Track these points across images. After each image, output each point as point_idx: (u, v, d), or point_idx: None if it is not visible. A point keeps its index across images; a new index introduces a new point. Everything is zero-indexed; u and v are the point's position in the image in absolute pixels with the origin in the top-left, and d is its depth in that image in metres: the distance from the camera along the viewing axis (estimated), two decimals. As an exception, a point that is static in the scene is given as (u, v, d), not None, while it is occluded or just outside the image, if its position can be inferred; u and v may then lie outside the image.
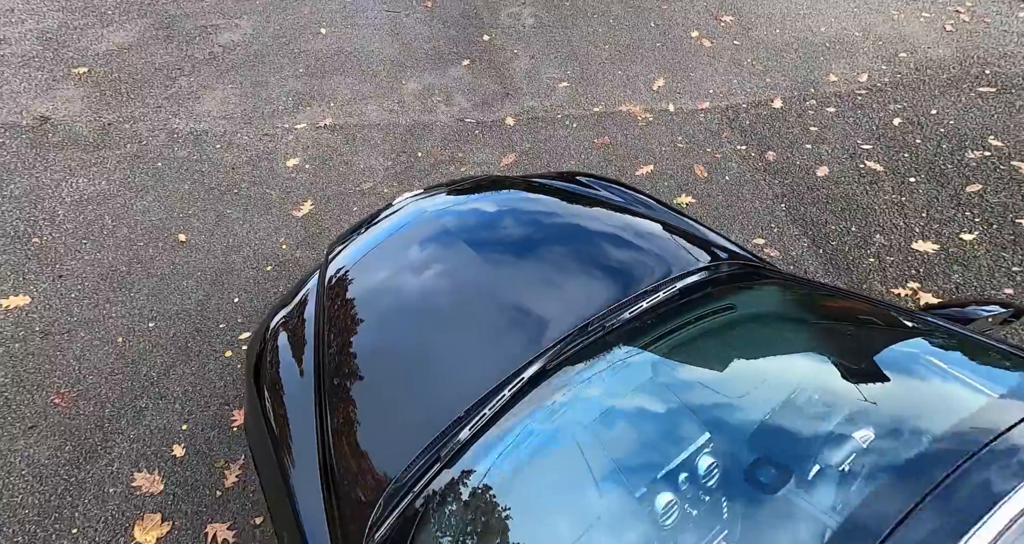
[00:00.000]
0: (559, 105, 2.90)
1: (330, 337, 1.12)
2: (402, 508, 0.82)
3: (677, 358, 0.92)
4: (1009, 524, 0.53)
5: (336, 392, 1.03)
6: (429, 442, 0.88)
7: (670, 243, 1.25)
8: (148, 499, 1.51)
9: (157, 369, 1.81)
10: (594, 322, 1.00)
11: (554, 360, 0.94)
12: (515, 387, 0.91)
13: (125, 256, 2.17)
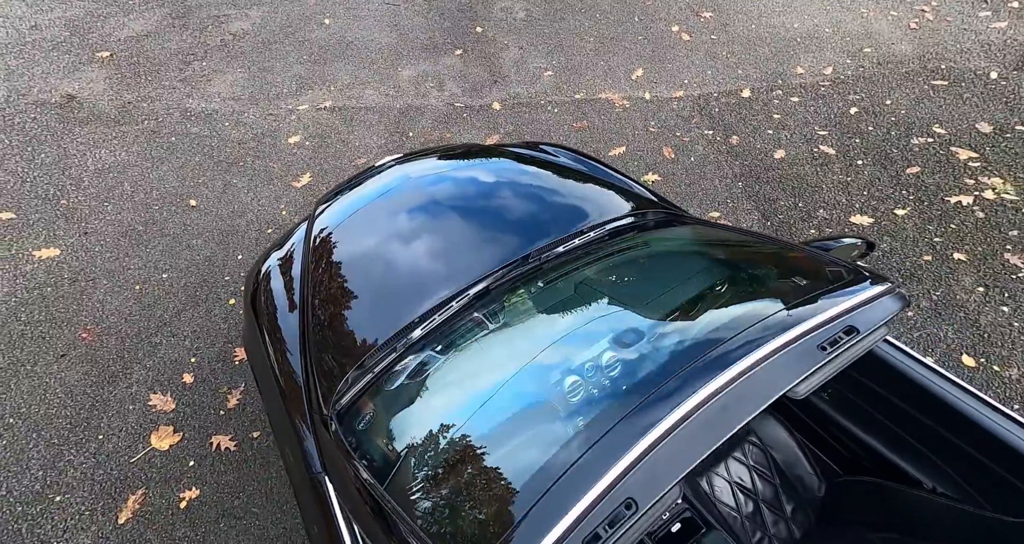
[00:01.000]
0: (543, 92, 3.16)
1: (314, 268, 1.37)
2: (361, 384, 1.06)
3: (593, 277, 1.17)
4: None
5: (317, 308, 1.29)
6: (388, 338, 1.12)
7: (608, 196, 1.50)
8: (162, 415, 1.78)
9: (170, 312, 2.09)
10: (533, 254, 1.25)
11: (496, 281, 1.19)
12: (462, 299, 1.16)
13: (142, 217, 2.46)
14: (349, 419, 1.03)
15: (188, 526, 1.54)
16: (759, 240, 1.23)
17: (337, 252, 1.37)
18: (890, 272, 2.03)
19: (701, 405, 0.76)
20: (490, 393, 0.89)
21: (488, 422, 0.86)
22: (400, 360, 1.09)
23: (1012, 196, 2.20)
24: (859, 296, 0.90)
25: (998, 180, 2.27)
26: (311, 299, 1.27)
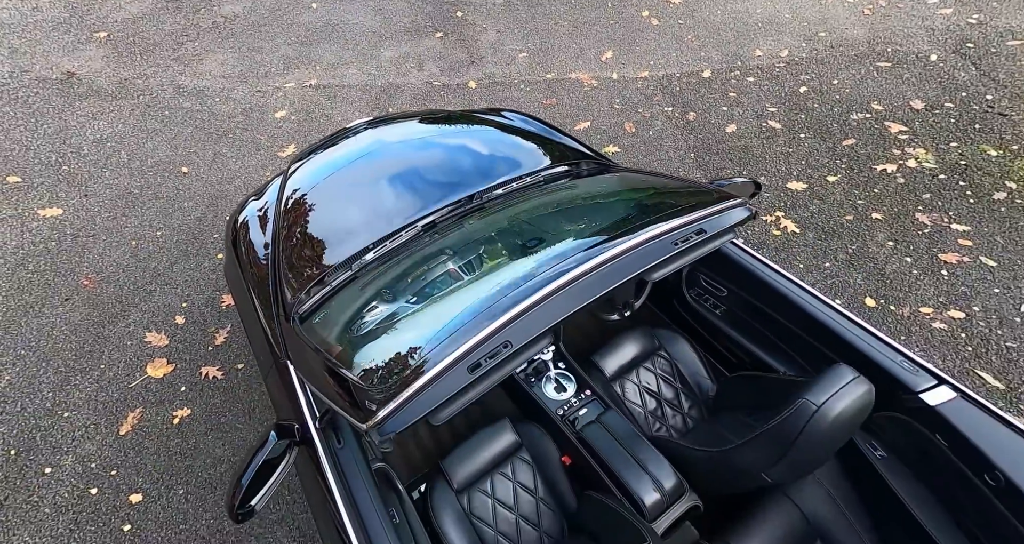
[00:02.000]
0: (517, 72, 3.40)
1: (285, 209, 1.61)
2: (319, 295, 1.30)
3: (520, 206, 1.41)
4: None
5: (286, 240, 1.53)
6: (345, 259, 1.36)
7: (550, 151, 1.75)
8: (157, 350, 2.03)
9: (163, 265, 2.33)
10: (477, 195, 1.49)
11: (443, 216, 1.43)
12: (411, 230, 1.40)
13: (138, 182, 2.70)
14: (307, 318, 1.27)
15: (180, 438, 1.79)
16: (663, 178, 1.48)
17: (306, 197, 1.61)
18: (814, 230, 2.29)
19: (575, 279, 1.00)
20: (417, 278, 1.14)
21: (413, 300, 1.10)
22: (354, 277, 1.33)
23: (931, 165, 2.45)
24: (712, 208, 1.15)
25: (921, 151, 2.52)
26: (281, 234, 1.51)
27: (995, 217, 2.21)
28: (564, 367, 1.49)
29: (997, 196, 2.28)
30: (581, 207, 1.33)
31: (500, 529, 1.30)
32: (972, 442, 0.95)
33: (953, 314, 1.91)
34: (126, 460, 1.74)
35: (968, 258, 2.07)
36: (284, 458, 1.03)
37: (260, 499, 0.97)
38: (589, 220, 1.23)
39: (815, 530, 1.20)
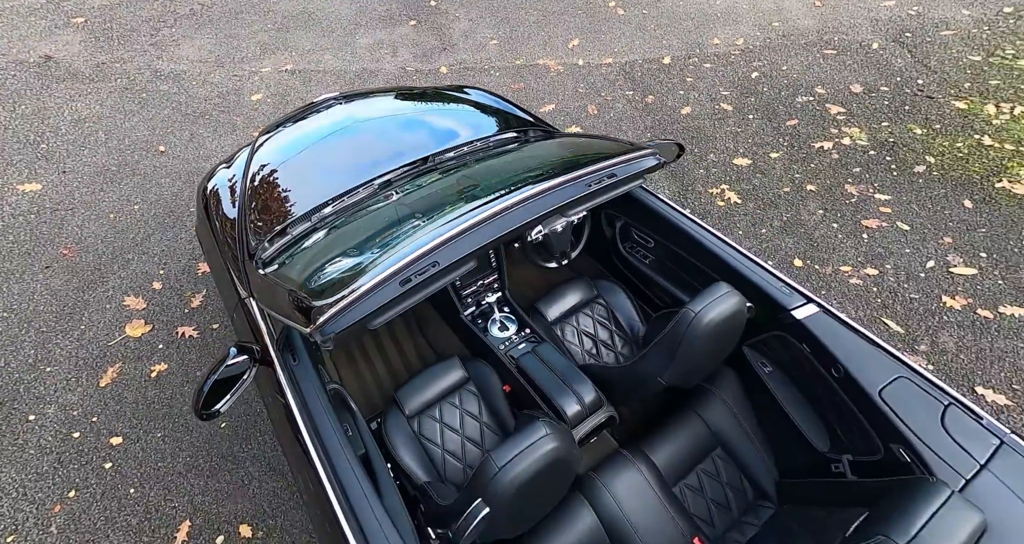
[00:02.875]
0: (487, 58, 3.59)
1: (253, 173, 1.78)
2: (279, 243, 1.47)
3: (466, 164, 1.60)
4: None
5: (253, 200, 1.69)
6: (306, 211, 1.53)
7: (503, 120, 1.94)
8: (135, 312, 2.17)
9: (141, 236, 2.47)
10: (431, 157, 1.67)
11: (399, 176, 1.61)
12: (369, 188, 1.58)
13: (115, 160, 2.83)
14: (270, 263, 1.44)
15: (158, 389, 1.94)
16: (595, 138, 1.67)
17: (272, 162, 1.78)
18: (754, 201, 2.51)
19: (497, 213, 1.19)
20: (366, 222, 1.32)
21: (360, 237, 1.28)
22: (314, 228, 1.50)
23: (864, 142, 2.69)
24: (624, 157, 1.34)
25: (856, 130, 2.77)
26: (248, 194, 1.67)
27: (913, 187, 2.45)
28: (508, 311, 1.68)
29: (917, 169, 2.53)
30: (517, 162, 1.52)
31: (447, 448, 1.48)
32: (824, 345, 1.16)
33: (868, 271, 2.14)
34: (106, 408, 1.89)
35: (886, 223, 2.31)
36: (245, 373, 1.20)
37: (223, 404, 1.14)
38: (520, 170, 1.42)
39: (716, 438, 1.41)
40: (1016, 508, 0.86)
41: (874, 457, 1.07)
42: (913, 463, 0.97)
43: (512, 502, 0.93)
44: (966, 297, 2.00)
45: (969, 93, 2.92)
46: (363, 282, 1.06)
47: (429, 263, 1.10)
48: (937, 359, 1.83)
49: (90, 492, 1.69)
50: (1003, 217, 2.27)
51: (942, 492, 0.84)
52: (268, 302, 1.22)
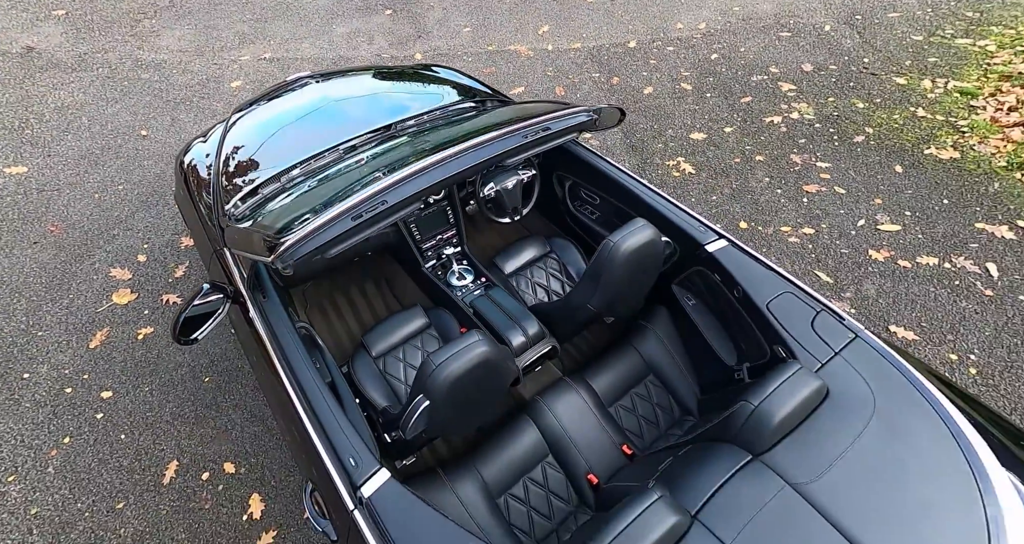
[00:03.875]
0: (461, 45, 3.78)
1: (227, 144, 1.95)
2: (250, 202, 1.64)
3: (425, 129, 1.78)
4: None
5: (227, 165, 1.86)
6: (275, 174, 1.71)
7: (464, 92, 2.13)
8: (121, 282, 2.34)
9: (125, 213, 2.63)
10: (394, 125, 1.85)
11: (363, 142, 1.79)
12: (335, 152, 1.76)
13: (99, 144, 2.98)
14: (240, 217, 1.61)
15: (145, 349, 2.11)
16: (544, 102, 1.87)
17: (246, 134, 1.97)
18: (707, 171, 2.72)
19: (441, 160, 1.37)
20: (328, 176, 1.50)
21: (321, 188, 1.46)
22: (283, 189, 1.67)
23: (810, 116, 2.92)
24: (559, 113, 1.54)
25: (804, 105, 2.99)
26: (222, 161, 1.85)
27: (852, 156, 2.68)
28: (467, 264, 1.86)
29: (857, 139, 2.76)
30: (468, 122, 1.71)
31: (409, 383, 1.67)
32: (730, 272, 1.36)
33: (806, 231, 2.36)
34: (96, 367, 2.05)
35: (825, 188, 2.53)
36: (219, 309, 1.37)
37: (199, 333, 1.32)
38: (468, 130, 1.61)
39: (649, 366, 1.60)
40: (856, 382, 1.06)
41: (763, 360, 1.27)
42: (788, 357, 1.17)
43: (448, 395, 1.11)
44: (889, 250, 2.23)
45: (909, 70, 3.16)
46: (318, 217, 1.24)
47: (379, 201, 1.28)
48: (859, 304, 2.05)
49: (83, 438, 1.85)
50: (928, 180, 2.51)
51: (793, 367, 1.04)
52: (237, 245, 1.40)
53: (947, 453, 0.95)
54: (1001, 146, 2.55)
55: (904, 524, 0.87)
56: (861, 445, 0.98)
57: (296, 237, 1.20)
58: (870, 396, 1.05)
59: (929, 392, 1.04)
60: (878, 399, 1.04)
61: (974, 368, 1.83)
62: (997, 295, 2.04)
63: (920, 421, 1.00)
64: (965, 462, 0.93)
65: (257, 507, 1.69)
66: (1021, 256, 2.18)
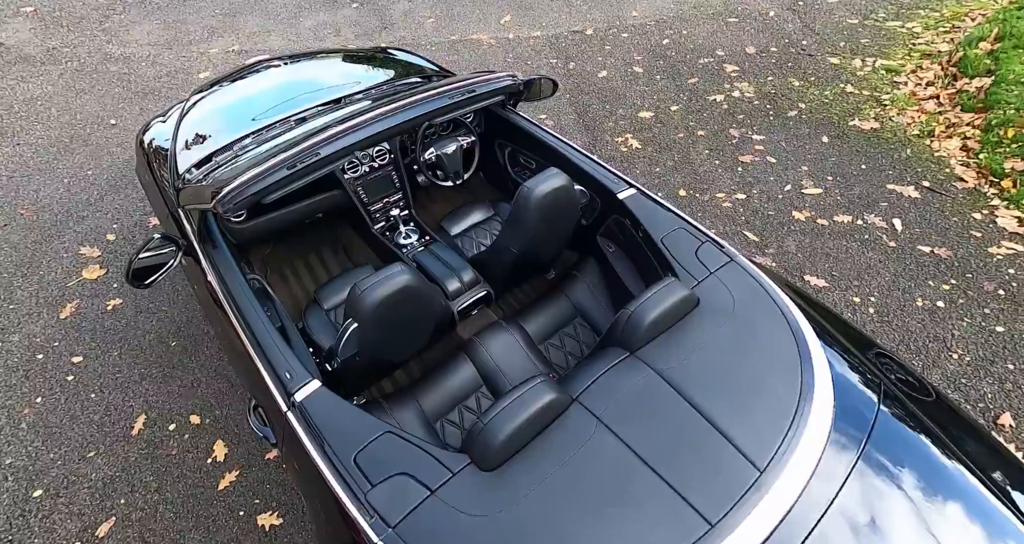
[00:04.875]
0: (425, 35, 3.98)
1: (185, 118, 2.12)
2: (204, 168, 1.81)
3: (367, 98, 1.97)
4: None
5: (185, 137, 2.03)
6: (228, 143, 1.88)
7: (411, 69, 2.33)
8: (91, 259, 2.48)
9: (94, 197, 2.78)
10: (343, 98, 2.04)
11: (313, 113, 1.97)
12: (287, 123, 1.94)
13: (68, 133, 3.13)
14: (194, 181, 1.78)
15: (114, 319, 2.26)
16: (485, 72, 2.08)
17: (203, 111, 2.15)
18: (653, 146, 2.95)
19: (371, 118, 1.56)
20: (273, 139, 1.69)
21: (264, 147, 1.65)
22: (235, 156, 1.85)
23: (750, 95, 3.16)
24: (484, 78, 1.74)
25: (745, 84, 3.24)
26: (180, 135, 2.02)
27: (784, 128, 2.92)
28: (413, 225, 2.05)
29: (790, 114, 3.01)
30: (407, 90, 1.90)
31: (358, 333, 1.84)
32: (636, 215, 1.57)
33: (738, 196, 2.59)
34: (67, 335, 2.20)
35: (758, 158, 2.77)
36: (171, 260, 1.54)
37: (152, 280, 1.49)
38: (404, 94, 1.80)
39: (577, 310, 1.80)
40: (723, 294, 1.27)
41: None
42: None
43: (373, 318, 1.29)
44: (810, 211, 2.46)
45: (843, 51, 3.43)
46: (257, 167, 1.42)
47: (312, 153, 1.47)
48: (780, 258, 2.27)
49: (55, 398, 2.00)
50: (850, 148, 2.76)
51: (667, 280, 1.25)
52: (189, 200, 1.57)
53: (783, 341, 1.15)
54: (916, 117, 2.82)
55: (740, 393, 1.07)
56: (716, 339, 1.18)
57: (235, 184, 1.38)
58: (732, 304, 1.26)
59: (779, 298, 1.25)
60: (738, 306, 1.25)
61: (872, 308, 2.06)
62: (899, 246, 2.29)
63: (767, 319, 1.21)
64: (795, 345, 1.13)
65: (221, 452, 1.86)
66: (923, 212, 2.44)
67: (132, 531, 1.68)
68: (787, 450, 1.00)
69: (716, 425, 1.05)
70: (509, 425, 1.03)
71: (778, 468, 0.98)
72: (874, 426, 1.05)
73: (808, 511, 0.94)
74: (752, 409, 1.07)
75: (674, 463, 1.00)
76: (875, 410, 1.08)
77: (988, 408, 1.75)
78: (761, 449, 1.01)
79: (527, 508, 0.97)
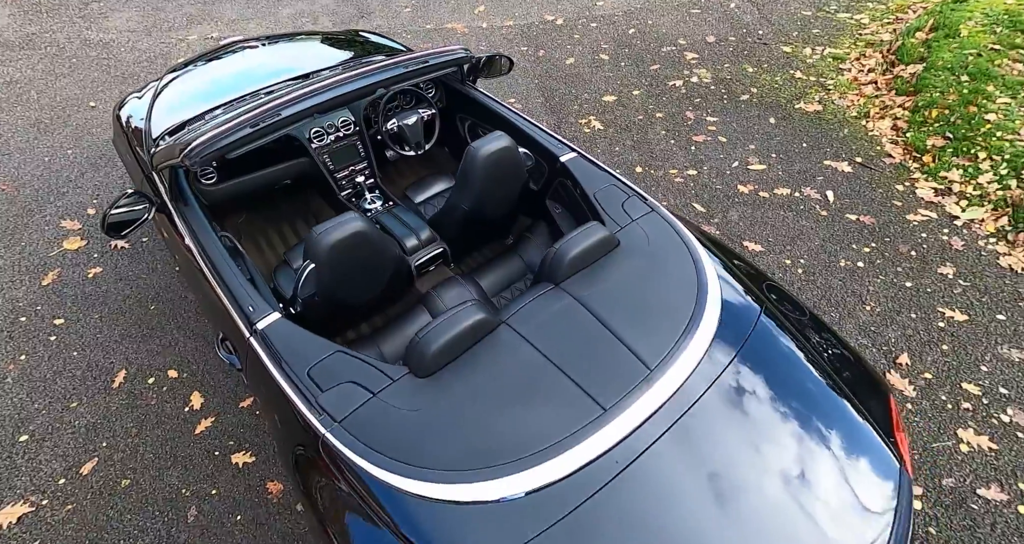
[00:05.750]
0: (401, 23, 4.16)
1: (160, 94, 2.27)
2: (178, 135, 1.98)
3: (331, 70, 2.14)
4: None
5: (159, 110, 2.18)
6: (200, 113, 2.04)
7: (379, 48, 2.50)
8: (71, 232, 2.62)
9: (75, 174, 2.91)
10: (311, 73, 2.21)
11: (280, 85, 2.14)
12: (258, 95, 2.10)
13: (49, 115, 3.25)
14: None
15: (94, 286, 2.40)
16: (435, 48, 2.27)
17: (178, 86, 2.30)
18: (614, 127, 3.16)
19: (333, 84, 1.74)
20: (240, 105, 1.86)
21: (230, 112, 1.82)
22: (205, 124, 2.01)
23: (707, 80, 3.40)
24: (438, 50, 1.93)
25: (703, 70, 3.47)
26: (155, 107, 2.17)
27: (736, 111, 3.16)
28: (378, 192, 2.23)
29: (743, 98, 3.25)
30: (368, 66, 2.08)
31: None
32: (575, 175, 1.77)
33: (690, 172, 2.81)
34: (49, 300, 2.34)
35: (710, 138, 3.00)
36: (144, 215, 1.70)
37: (127, 232, 1.66)
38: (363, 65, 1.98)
39: (528, 267, 2.00)
40: (640, 236, 1.48)
41: None
42: None
43: (327, 260, 1.47)
44: (754, 185, 2.69)
45: (795, 40, 3.69)
46: (222, 126, 1.59)
47: (274, 113, 1.65)
48: (723, 227, 2.50)
49: (39, 356, 2.14)
50: (794, 128, 3.00)
51: (591, 223, 1.45)
52: (160, 160, 1.74)
53: (686, 272, 1.37)
54: (855, 100, 3.08)
55: (643, 312, 1.28)
56: (630, 271, 1.39)
57: (202, 139, 1.55)
58: (647, 244, 1.46)
59: (688, 239, 1.47)
60: (652, 245, 1.46)
61: (801, 269, 2.29)
62: (829, 215, 2.54)
63: (675, 256, 1.42)
64: (695, 275, 1.35)
65: (197, 401, 2.02)
66: (853, 185, 2.70)
67: (114, 469, 1.84)
68: (674, 354, 1.20)
69: (619, 336, 1.25)
70: (441, 338, 1.22)
71: (665, 367, 1.18)
72: (750, 336, 1.26)
73: (685, 399, 1.14)
74: (651, 324, 1.28)
75: (580, 366, 1.20)
76: (753, 323, 1.30)
77: (891, 350, 1.99)
78: (653, 353, 1.21)
79: (453, 402, 1.16)
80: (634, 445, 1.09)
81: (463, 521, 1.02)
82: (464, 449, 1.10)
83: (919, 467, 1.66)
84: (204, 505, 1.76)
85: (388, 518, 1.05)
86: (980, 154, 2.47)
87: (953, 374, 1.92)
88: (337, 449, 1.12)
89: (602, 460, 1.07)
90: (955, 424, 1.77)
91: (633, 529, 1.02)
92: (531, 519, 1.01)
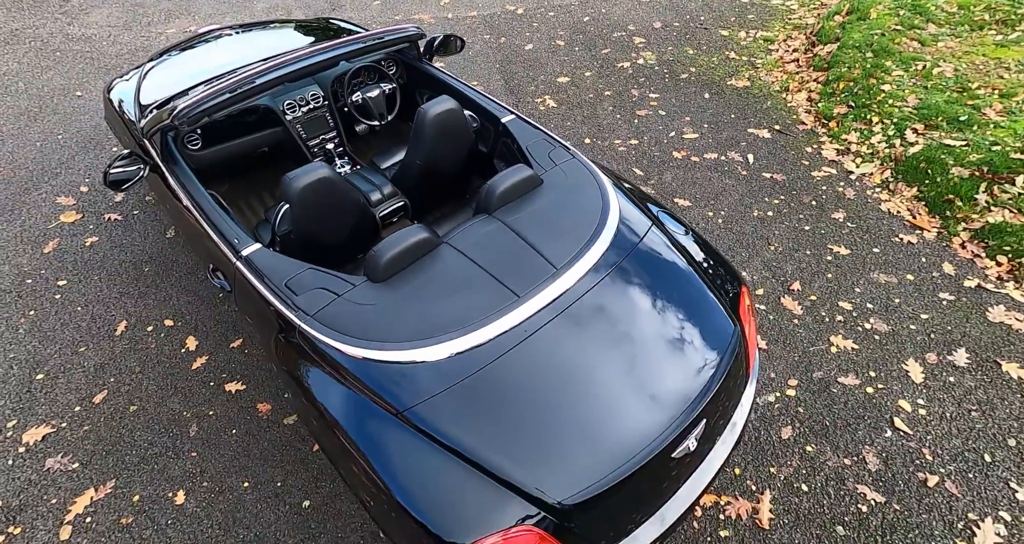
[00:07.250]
0: (371, 15, 4.49)
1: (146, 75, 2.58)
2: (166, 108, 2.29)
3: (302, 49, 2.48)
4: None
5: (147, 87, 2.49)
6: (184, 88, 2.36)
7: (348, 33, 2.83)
8: (67, 207, 2.91)
9: (67, 156, 3.19)
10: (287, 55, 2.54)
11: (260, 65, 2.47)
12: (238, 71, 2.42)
13: (37, 104, 3.52)
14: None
15: (92, 253, 2.70)
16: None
17: (160, 68, 2.61)
18: (567, 105, 3.54)
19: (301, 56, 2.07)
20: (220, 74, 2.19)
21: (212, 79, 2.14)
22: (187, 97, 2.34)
23: (652, 62, 3.80)
24: (393, 28, 2.28)
25: (649, 53, 3.87)
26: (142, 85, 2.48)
27: (676, 88, 3.57)
28: (347, 158, 2.56)
29: (682, 76, 3.66)
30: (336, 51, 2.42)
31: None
32: (514, 134, 2.13)
33: (632, 142, 3.20)
34: (51, 265, 2.63)
35: (651, 112, 3.39)
36: (139, 174, 2.01)
37: (125, 187, 1.98)
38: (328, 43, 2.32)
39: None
40: (561, 177, 1.86)
41: None
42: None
43: (299, 200, 1.80)
44: (687, 151, 3.09)
45: (733, 25, 4.12)
46: (202, 91, 1.92)
47: (249, 81, 1.99)
48: (658, 188, 2.89)
49: (45, 311, 2.44)
50: (725, 102, 3.42)
51: (518, 164, 1.81)
52: (150, 125, 2.05)
53: (593, 200, 1.75)
54: (779, 76, 3.51)
55: (556, 229, 1.65)
56: (548, 201, 1.76)
57: (188, 102, 1.88)
58: (565, 181, 1.83)
59: (599, 177, 1.85)
60: (569, 182, 1.83)
61: (721, 219, 2.70)
62: (748, 174, 2.96)
63: (587, 189, 1.80)
64: (600, 201, 1.72)
65: (193, 344, 2.33)
66: (771, 148, 3.13)
67: (122, 398, 2.15)
68: (577, 257, 1.57)
69: (535, 247, 1.62)
70: (393, 250, 1.57)
71: (568, 266, 1.55)
72: (639, 244, 1.64)
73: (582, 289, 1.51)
74: (562, 237, 1.66)
75: (503, 267, 1.57)
76: (642, 235, 1.67)
77: (787, 280, 2.40)
78: (560, 257, 1.58)
79: (402, 297, 1.52)
80: (538, 321, 1.46)
81: (407, 375, 1.38)
82: (409, 327, 1.46)
83: (797, 366, 2.07)
84: (203, 423, 2.08)
85: (353, 378, 1.40)
86: (874, 119, 2.91)
87: (833, 295, 2.33)
88: (311, 334, 1.47)
89: (514, 331, 1.43)
90: (829, 332, 2.19)
91: (532, 377, 1.39)
92: (458, 371, 1.37)
